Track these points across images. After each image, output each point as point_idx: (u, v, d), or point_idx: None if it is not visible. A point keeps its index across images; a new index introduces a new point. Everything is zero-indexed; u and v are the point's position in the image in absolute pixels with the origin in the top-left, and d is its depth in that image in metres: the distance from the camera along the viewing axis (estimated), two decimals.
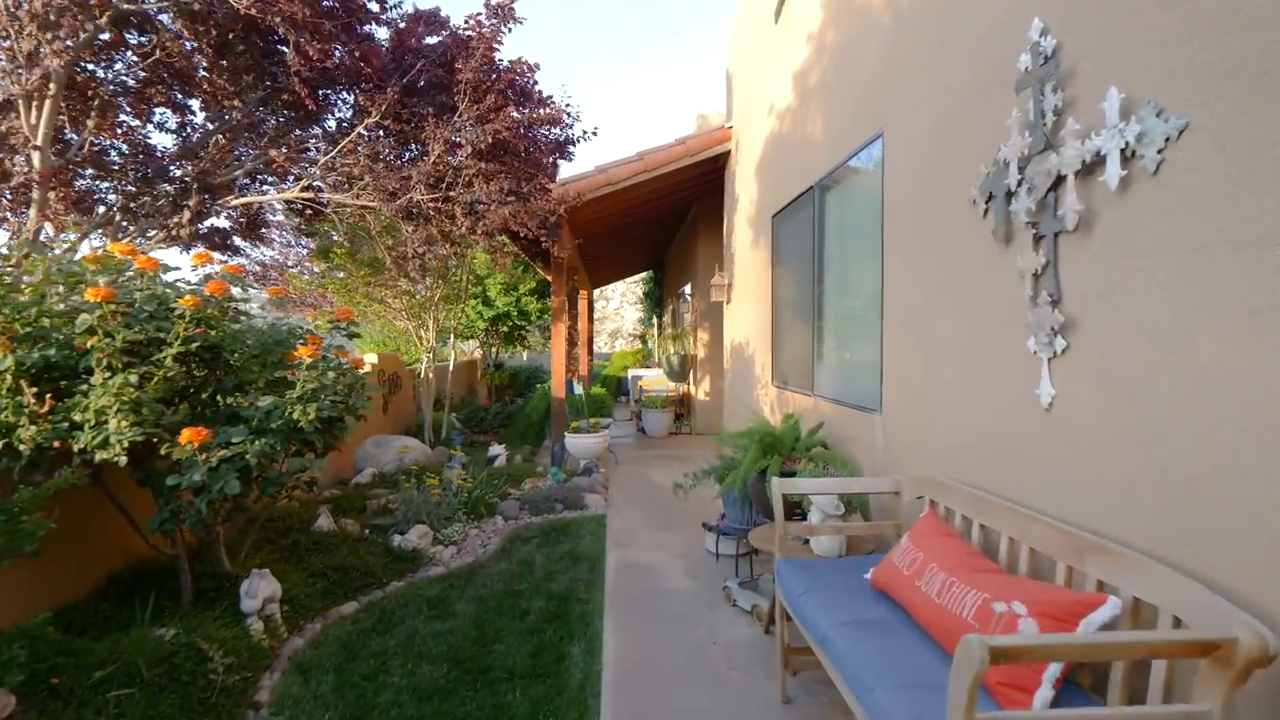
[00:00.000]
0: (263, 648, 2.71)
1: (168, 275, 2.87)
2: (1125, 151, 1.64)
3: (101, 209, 4.47)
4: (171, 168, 4.52)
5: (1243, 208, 1.37)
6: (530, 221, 4.87)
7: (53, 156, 3.74)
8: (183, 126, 4.76)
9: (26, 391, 2.42)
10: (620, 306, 24.37)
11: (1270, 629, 1.21)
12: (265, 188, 5.16)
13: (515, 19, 4.49)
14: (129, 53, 4.21)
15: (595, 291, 17.00)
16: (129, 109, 4.43)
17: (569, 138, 5.13)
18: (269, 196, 4.92)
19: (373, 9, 4.52)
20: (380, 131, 4.80)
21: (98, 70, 4.22)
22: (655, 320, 17.18)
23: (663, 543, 4.35)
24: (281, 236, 9.22)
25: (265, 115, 4.79)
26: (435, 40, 4.75)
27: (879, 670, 1.74)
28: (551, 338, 6.95)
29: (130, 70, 4.29)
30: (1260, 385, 1.33)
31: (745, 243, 6.54)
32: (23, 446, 2.36)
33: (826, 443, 3.76)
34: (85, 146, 4.09)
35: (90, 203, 4.51)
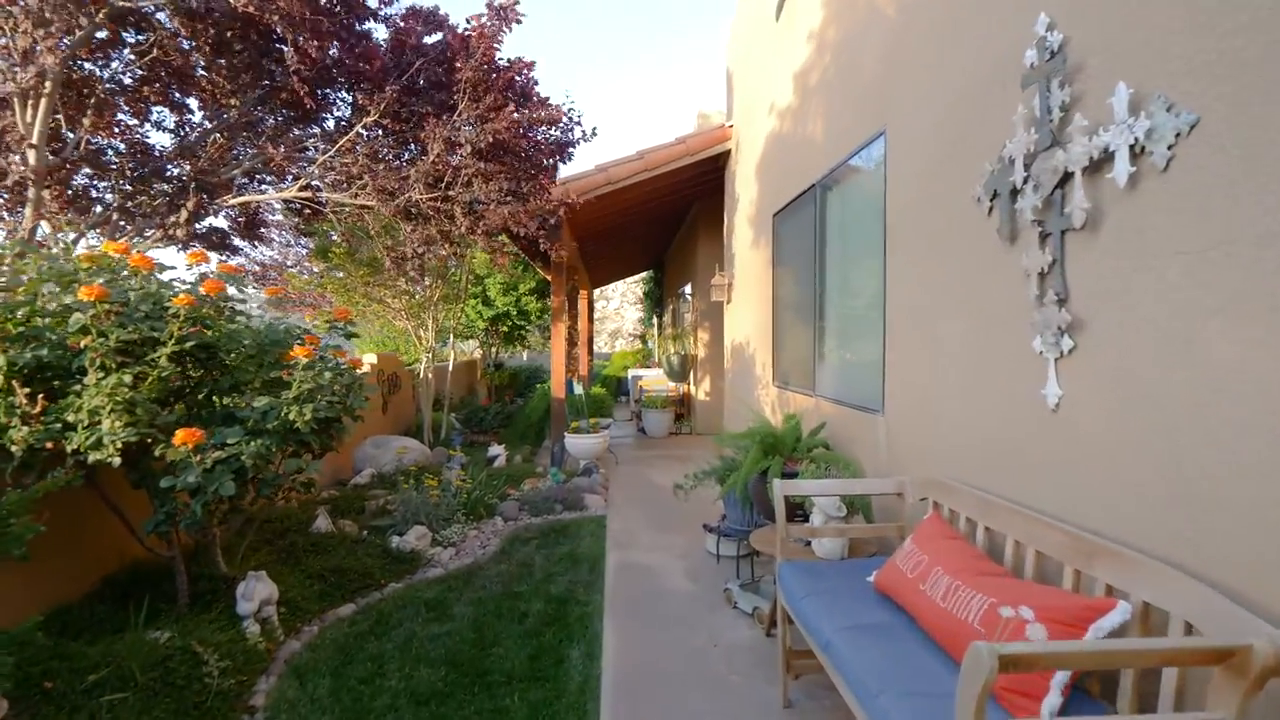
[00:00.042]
0: (259, 651, 2.68)
1: (163, 274, 2.84)
2: (1134, 148, 1.61)
3: (98, 208, 4.44)
4: (169, 167, 4.50)
5: (1265, 203, 1.33)
6: (530, 222, 4.84)
7: (49, 155, 3.71)
8: (180, 125, 4.74)
9: (19, 392, 2.39)
10: (620, 306, 24.34)
11: None
12: (263, 187, 5.14)
13: (517, 19, 4.47)
14: (126, 51, 4.19)
15: (595, 291, 16.99)
16: (126, 107, 4.41)
17: (569, 140, 5.10)
18: (267, 196, 4.89)
19: (370, 5, 4.50)
20: (379, 131, 4.78)
21: (94, 68, 4.19)
22: (655, 320, 17.14)
23: (663, 544, 4.33)
24: (280, 236, 9.19)
25: (263, 114, 4.77)
26: (434, 39, 4.73)
27: (883, 676, 1.70)
28: (551, 337, 6.93)
29: (127, 68, 4.27)
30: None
31: (746, 242, 6.51)
32: (15, 448, 2.33)
33: (828, 443, 3.73)
34: (82, 145, 4.05)
35: (87, 202, 4.49)
